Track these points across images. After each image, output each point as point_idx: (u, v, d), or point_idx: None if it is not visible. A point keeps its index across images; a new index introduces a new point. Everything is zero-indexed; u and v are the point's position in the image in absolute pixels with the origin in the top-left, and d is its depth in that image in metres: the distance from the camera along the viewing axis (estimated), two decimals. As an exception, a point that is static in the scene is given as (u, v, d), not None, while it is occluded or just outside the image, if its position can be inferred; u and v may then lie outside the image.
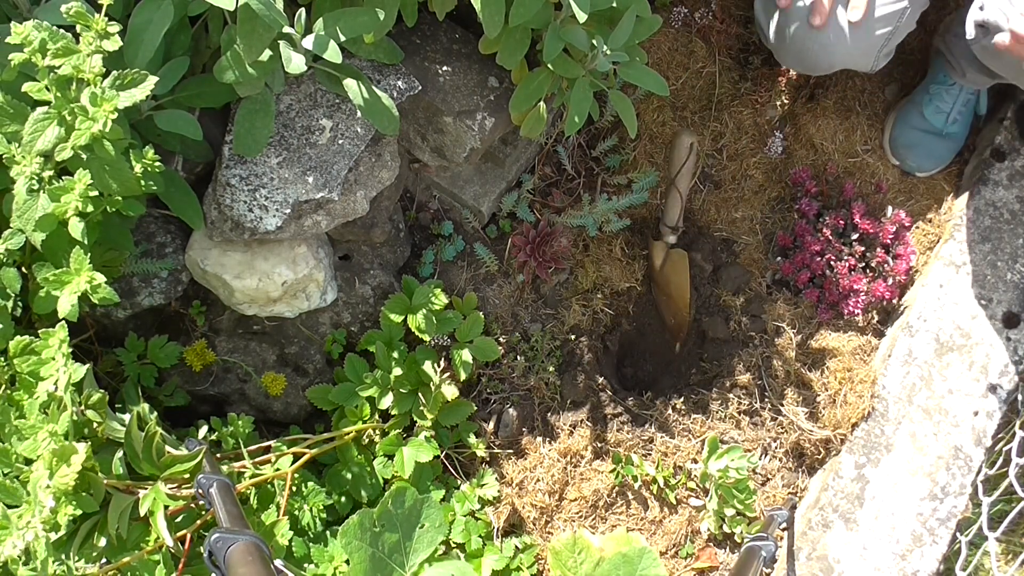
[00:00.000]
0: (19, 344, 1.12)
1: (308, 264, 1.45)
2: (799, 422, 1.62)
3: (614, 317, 1.73)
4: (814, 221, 1.71)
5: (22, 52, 1.04)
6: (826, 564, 1.50)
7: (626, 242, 1.72)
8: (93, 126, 1.05)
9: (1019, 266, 1.63)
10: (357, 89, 1.28)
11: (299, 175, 1.34)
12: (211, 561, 0.95)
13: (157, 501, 1.11)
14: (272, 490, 1.39)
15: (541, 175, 1.73)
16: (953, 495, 1.51)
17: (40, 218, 1.11)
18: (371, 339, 1.54)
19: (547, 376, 1.63)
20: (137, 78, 1.09)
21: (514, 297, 1.68)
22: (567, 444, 1.61)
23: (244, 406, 1.61)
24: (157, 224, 1.46)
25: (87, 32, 1.05)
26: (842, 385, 1.62)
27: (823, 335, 1.67)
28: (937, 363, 1.59)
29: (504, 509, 1.58)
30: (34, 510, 0.96)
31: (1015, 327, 1.59)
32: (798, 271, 1.68)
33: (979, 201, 1.68)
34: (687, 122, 1.77)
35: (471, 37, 1.52)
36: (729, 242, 1.75)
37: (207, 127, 1.32)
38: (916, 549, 1.49)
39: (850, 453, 1.56)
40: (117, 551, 1.14)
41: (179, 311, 1.55)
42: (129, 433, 1.13)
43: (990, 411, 1.55)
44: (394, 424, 1.52)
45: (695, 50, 1.76)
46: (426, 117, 1.50)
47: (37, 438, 1.01)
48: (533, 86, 1.38)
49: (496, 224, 1.71)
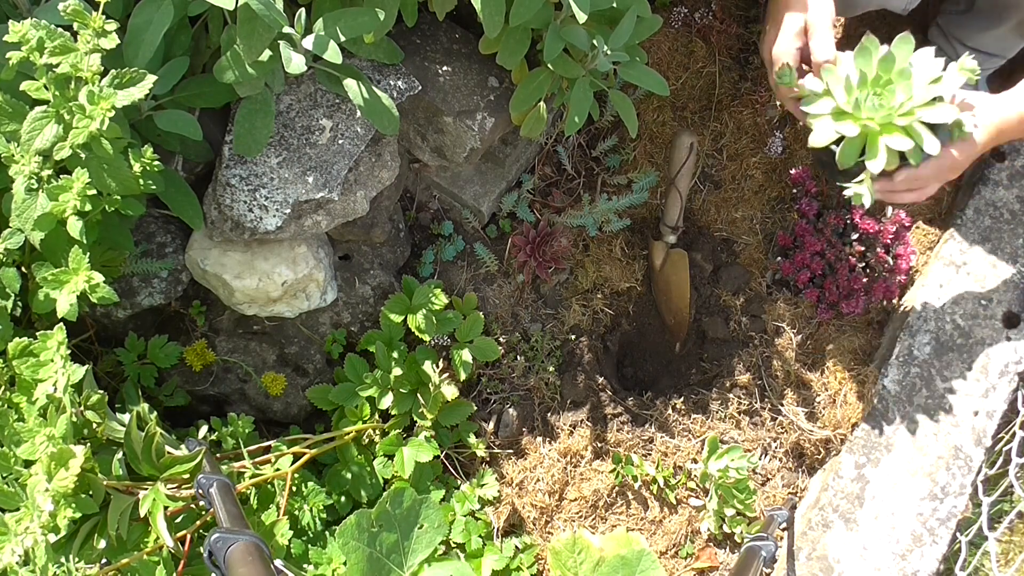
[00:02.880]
0: (18, 346, 1.11)
1: (308, 264, 1.45)
2: (799, 422, 1.62)
3: (614, 317, 1.73)
4: (814, 221, 1.70)
5: (20, 50, 1.03)
6: (826, 564, 1.50)
7: (626, 242, 1.72)
8: (91, 124, 1.05)
9: (1019, 266, 1.63)
10: (357, 89, 1.28)
11: (299, 175, 1.34)
12: (211, 561, 0.95)
13: (157, 502, 1.11)
14: (272, 490, 1.38)
15: (541, 175, 1.73)
16: (953, 495, 1.51)
17: (39, 217, 1.11)
18: (371, 339, 1.54)
19: (547, 376, 1.63)
20: (135, 77, 1.09)
21: (514, 297, 1.68)
22: (567, 444, 1.61)
23: (244, 406, 1.61)
24: (157, 224, 1.46)
25: (85, 30, 1.05)
26: (842, 385, 1.62)
27: (823, 335, 1.67)
28: (937, 363, 1.59)
29: (504, 509, 1.57)
30: (33, 515, 0.96)
31: (1015, 327, 1.59)
32: (798, 271, 1.68)
33: (979, 201, 1.68)
34: (687, 122, 1.77)
35: (471, 37, 1.52)
36: (729, 242, 1.75)
37: (207, 127, 1.32)
38: (916, 549, 1.49)
39: (850, 453, 1.56)
40: (117, 552, 1.14)
41: (179, 311, 1.54)
42: (129, 433, 1.13)
43: (990, 411, 1.55)
44: (394, 424, 1.52)
45: (695, 50, 1.76)
46: (426, 117, 1.50)
47: (35, 442, 1.01)
48: (533, 86, 1.38)
49: (496, 224, 1.71)
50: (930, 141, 1.20)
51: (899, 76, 1.22)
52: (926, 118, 1.21)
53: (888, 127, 1.22)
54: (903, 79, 1.22)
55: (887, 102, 1.21)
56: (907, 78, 1.21)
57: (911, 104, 1.21)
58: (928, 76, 1.21)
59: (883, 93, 1.23)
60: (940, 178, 1.29)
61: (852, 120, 1.23)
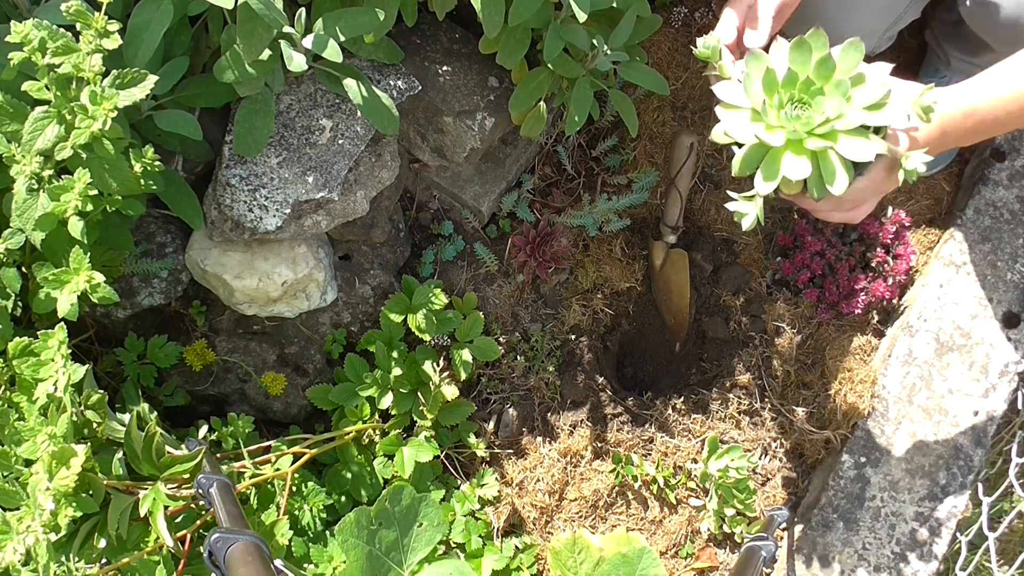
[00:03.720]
0: (18, 345, 1.12)
1: (308, 264, 1.45)
2: (799, 422, 1.62)
3: (614, 317, 1.73)
4: (814, 221, 1.71)
5: (22, 51, 1.04)
6: (826, 564, 1.50)
7: (626, 242, 1.72)
8: (93, 124, 1.05)
9: (1019, 266, 1.63)
10: (357, 89, 1.28)
11: (299, 175, 1.34)
12: (211, 561, 0.95)
13: (157, 501, 1.11)
14: (272, 490, 1.38)
15: (541, 175, 1.73)
16: (953, 495, 1.51)
17: (40, 217, 1.11)
18: (371, 339, 1.54)
19: (547, 376, 1.63)
20: (137, 77, 1.09)
21: (514, 297, 1.68)
22: (567, 444, 1.61)
23: (244, 406, 1.61)
24: (157, 224, 1.46)
25: (87, 30, 1.05)
26: (842, 385, 1.62)
27: (823, 335, 1.67)
28: (937, 363, 1.59)
29: (504, 509, 1.58)
30: (34, 513, 0.96)
31: (1015, 327, 1.59)
32: (798, 271, 1.68)
33: (979, 201, 1.68)
34: (687, 122, 1.77)
35: (471, 37, 1.52)
36: (729, 242, 1.75)
37: (207, 127, 1.32)
38: (916, 549, 1.49)
39: (850, 453, 1.56)
40: (117, 551, 1.14)
41: (179, 311, 1.55)
42: (129, 433, 1.13)
43: (990, 411, 1.55)
44: (394, 424, 1.52)
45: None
46: (426, 117, 1.50)
47: (36, 440, 1.01)
48: (533, 86, 1.38)
49: (496, 224, 1.71)
50: (840, 179, 0.99)
51: (835, 88, 1.00)
52: (845, 151, 0.99)
53: (797, 145, 1.00)
54: (838, 92, 1.00)
55: (808, 115, 1.00)
56: (843, 93, 0.99)
57: (835, 126, 0.99)
58: (869, 98, 0.99)
59: (809, 103, 1.01)
60: (876, 196, 1.12)
61: (764, 124, 1.02)
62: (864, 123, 0.99)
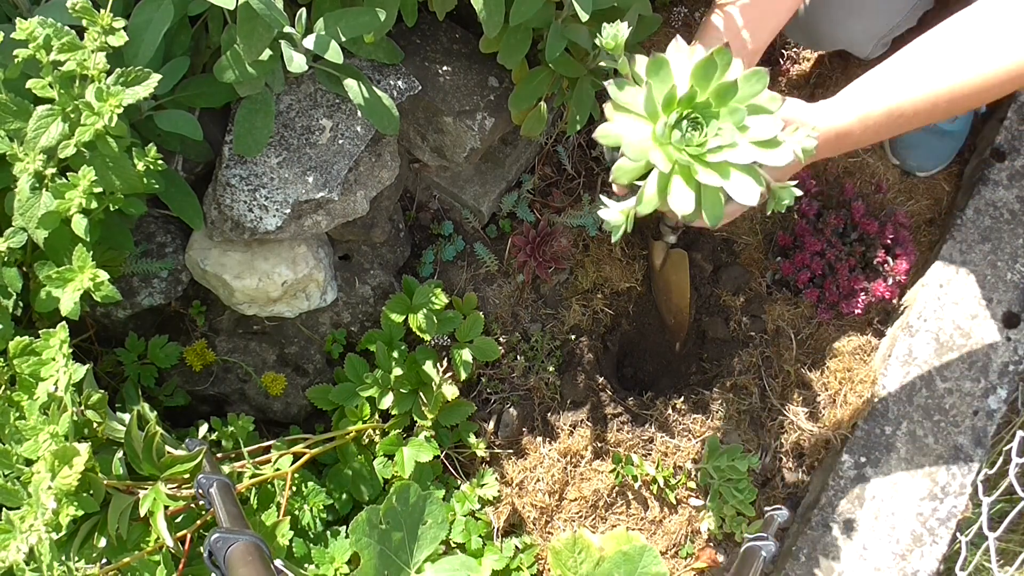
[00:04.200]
0: (19, 344, 1.12)
1: (308, 264, 1.45)
2: (799, 422, 1.62)
3: (614, 317, 1.73)
4: (814, 221, 1.71)
5: (27, 48, 1.04)
6: (826, 564, 1.50)
7: (626, 242, 1.72)
8: (98, 122, 1.05)
9: (1019, 266, 1.63)
10: (357, 89, 1.28)
11: (299, 175, 1.34)
12: (211, 561, 0.95)
13: (157, 501, 1.11)
14: (272, 490, 1.38)
15: (541, 175, 1.73)
16: (953, 495, 1.51)
17: (43, 216, 1.11)
18: (371, 339, 1.54)
19: (547, 376, 1.63)
20: (140, 75, 1.09)
21: (514, 297, 1.68)
22: (567, 444, 1.61)
23: (244, 406, 1.61)
24: (157, 224, 1.46)
25: (92, 27, 1.05)
26: (842, 385, 1.62)
27: (823, 335, 1.67)
28: (937, 363, 1.59)
29: (504, 509, 1.57)
30: (36, 512, 0.96)
31: (1015, 327, 1.59)
32: (798, 271, 1.68)
33: (979, 201, 1.68)
34: (687, 122, 1.77)
35: (471, 37, 1.52)
36: (729, 242, 1.75)
37: (207, 127, 1.32)
38: (916, 549, 1.49)
39: (850, 453, 1.56)
40: (117, 551, 1.13)
41: (179, 311, 1.54)
42: (129, 433, 1.13)
43: (990, 411, 1.55)
44: (394, 424, 1.52)
45: (695, 50, 1.76)
46: (426, 117, 1.50)
47: (38, 439, 1.01)
48: (533, 85, 1.38)
49: (496, 224, 1.71)
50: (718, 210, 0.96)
51: (729, 114, 0.94)
52: (733, 189, 0.94)
53: (686, 172, 0.95)
54: (731, 118, 0.94)
55: (701, 139, 0.95)
56: (739, 122, 0.94)
57: (727, 157, 0.94)
58: (763, 134, 0.94)
59: (703, 123, 0.95)
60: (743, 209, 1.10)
61: (652, 138, 0.96)
62: (756, 160, 0.95)
